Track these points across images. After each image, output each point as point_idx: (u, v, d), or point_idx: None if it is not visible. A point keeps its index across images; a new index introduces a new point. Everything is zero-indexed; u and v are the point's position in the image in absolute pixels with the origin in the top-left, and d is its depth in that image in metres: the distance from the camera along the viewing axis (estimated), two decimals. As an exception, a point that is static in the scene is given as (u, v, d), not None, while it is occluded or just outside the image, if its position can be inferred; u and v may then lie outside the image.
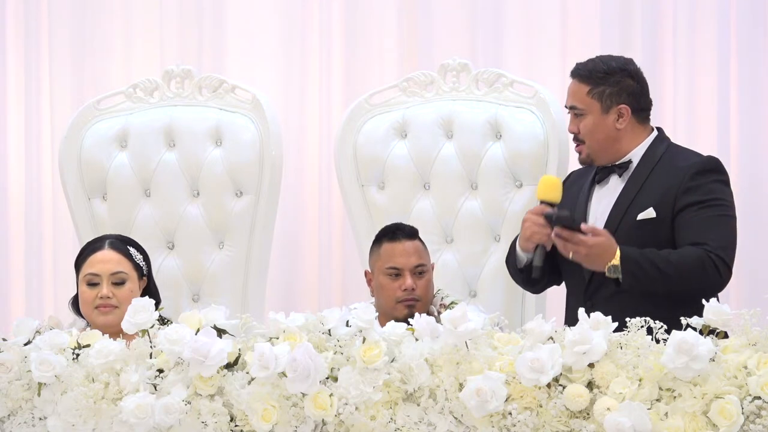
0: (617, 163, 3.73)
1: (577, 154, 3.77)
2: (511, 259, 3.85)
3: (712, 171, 3.66)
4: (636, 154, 3.72)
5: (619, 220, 3.65)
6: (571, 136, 3.80)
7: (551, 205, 3.65)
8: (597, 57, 3.79)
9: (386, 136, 4.43)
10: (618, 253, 3.52)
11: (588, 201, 3.76)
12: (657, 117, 3.80)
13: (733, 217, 3.65)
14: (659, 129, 3.80)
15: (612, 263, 3.52)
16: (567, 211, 3.63)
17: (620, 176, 3.72)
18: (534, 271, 3.63)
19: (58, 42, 5.21)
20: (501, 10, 5.04)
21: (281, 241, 4.84)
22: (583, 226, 3.56)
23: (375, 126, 4.44)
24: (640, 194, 3.65)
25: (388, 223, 4.12)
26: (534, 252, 3.64)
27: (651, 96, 3.79)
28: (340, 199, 4.63)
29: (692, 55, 4.95)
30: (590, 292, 3.66)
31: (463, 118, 4.35)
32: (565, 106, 3.81)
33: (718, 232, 3.58)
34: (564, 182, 3.89)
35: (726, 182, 3.68)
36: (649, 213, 3.62)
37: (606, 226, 3.64)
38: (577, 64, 3.79)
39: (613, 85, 3.70)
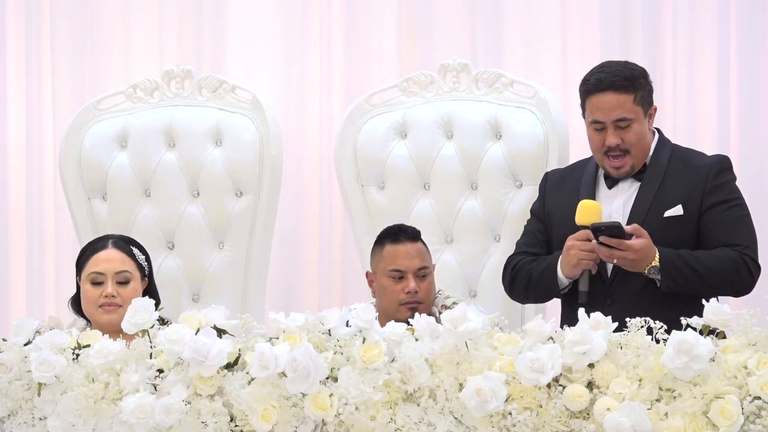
0: None
1: (615, 168, 3.67)
2: (522, 281, 3.80)
3: (729, 170, 3.72)
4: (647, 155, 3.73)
5: (643, 218, 3.64)
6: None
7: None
8: (615, 64, 3.71)
9: (386, 136, 4.43)
10: (657, 255, 3.55)
11: None
12: (657, 117, 3.80)
13: (750, 215, 3.71)
14: (658, 130, 3.80)
15: (652, 264, 3.55)
16: (617, 221, 3.61)
17: (635, 177, 3.71)
18: (581, 296, 3.61)
19: (59, 42, 5.21)
20: (501, 10, 5.04)
21: (281, 241, 4.84)
22: (627, 227, 3.55)
23: (375, 126, 4.44)
24: (661, 193, 3.66)
25: (389, 223, 4.12)
26: (580, 277, 3.64)
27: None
28: (340, 199, 4.63)
29: (692, 55, 4.95)
30: (612, 290, 3.65)
31: (463, 118, 4.35)
32: (599, 120, 3.65)
33: (745, 232, 3.65)
34: (543, 186, 3.88)
35: (735, 180, 3.74)
36: (677, 210, 3.63)
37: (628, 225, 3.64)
38: (599, 76, 3.66)
39: (645, 87, 3.69)
